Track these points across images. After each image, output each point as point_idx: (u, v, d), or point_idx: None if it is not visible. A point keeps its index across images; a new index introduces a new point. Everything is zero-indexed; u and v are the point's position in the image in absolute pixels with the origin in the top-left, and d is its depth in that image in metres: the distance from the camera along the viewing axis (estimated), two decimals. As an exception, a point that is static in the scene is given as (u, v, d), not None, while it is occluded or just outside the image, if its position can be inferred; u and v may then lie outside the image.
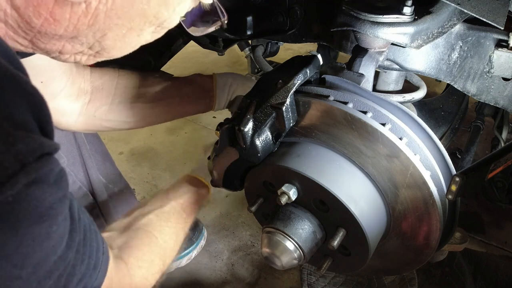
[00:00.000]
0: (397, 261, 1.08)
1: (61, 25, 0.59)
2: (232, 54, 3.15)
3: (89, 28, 0.60)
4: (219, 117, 2.60)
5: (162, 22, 0.66)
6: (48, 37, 0.61)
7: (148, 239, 0.99)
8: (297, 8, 1.16)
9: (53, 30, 0.59)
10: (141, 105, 1.31)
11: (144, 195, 2.30)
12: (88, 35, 0.62)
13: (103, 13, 0.59)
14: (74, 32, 0.60)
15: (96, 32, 0.62)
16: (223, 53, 1.55)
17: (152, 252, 0.98)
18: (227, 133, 0.99)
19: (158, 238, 1.01)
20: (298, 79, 0.95)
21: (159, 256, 0.99)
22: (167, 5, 0.64)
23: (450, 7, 0.95)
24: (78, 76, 1.20)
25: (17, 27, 0.59)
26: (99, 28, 0.61)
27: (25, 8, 0.56)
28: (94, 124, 1.28)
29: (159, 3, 0.62)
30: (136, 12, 0.61)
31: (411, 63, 1.06)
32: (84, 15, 0.59)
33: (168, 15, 0.65)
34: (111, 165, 1.61)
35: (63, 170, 0.58)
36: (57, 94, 1.16)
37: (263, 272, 1.88)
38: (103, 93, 1.25)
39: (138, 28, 0.65)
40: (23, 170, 0.49)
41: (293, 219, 0.98)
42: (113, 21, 0.61)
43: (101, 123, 1.29)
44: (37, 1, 0.56)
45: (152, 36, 0.69)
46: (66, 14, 0.58)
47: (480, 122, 1.67)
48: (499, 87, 1.07)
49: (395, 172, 0.90)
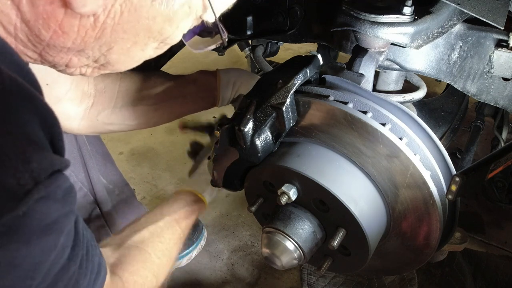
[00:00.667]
0: (397, 261, 1.08)
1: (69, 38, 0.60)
2: (232, 54, 3.14)
3: (96, 41, 0.62)
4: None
5: (165, 38, 0.68)
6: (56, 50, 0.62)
7: (141, 255, 1.00)
8: (297, 8, 1.16)
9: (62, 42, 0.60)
10: (144, 107, 1.30)
11: (144, 195, 2.30)
12: (95, 49, 0.63)
13: (110, 27, 0.60)
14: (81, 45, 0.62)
15: (102, 45, 0.63)
16: (223, 53, 1.55)
17: (146, 268, 0.98)
18: (227, 133, 0.99)
19: (151, 255, 1.01)
20: (298, 79, 0.95)
21: (152, 272, 0.99)
22: (171, 22, 0.65)
23: (450, 7, 0.95)
24: (82, 79, 1.19)
25: (26, 41, 0.60)
26: (105, 42, 0.62)
27: (35, 21, 0.57)
28: (97, 127, 1.28)
29: (163, 19, 0.64)
30: (142, 27, 0.63)
31: (411, 63, 1.06)
32: (92, 29, 0.60)
33: (172, 31, 0.67)
34: (111, 166, 1.61)
35: (72, 186, 0.59)
36: (62, 97, 1.16)
37: (263, 272, 1.88)
38: (105, 97, 1.24)
39: (143, 43, 0.66)
40: (36, 187, 0.51)
41: (293, 219, 0.98)
42: (119, 35, 0.62)
43: (104, 126, 1.29)
44: (47, 13, 0.57)
45: (155, 52, 0.71)
46: (74, 27, 0.59)
47: (480, 122, 1.67)
48: (499, 87, 1.07)
49: (395, 172, 0.90)
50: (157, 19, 0.63)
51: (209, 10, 0.67)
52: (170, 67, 1.58)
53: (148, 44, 0.67)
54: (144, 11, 0.61)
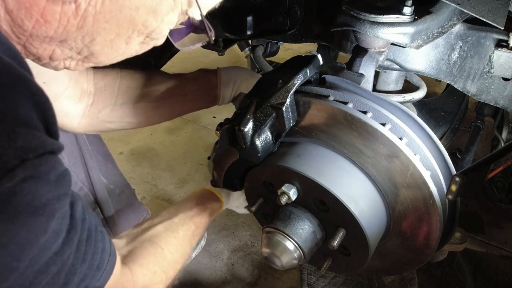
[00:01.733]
0: (397, 261, 1.08)
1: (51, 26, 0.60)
2: (232, 54, 3.15)
3: (78, 31, 0.62)
4: (219, 117, 2.60)
5: (150, 32, 0.67)
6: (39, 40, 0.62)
7: (154, 249, 1.00)
8: (297, 8, 1.16)
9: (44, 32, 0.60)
10: (145, 106, 1.30)
11: (144, 195, 2.30)
12: (77, 39, 0.63)
13: (91, 15, 0.61)
14: (64, 34, 0.62)
15: (85, 36, 0.63)
16: (223, 53, 1.55)
17: (157, 263, 0.99)
18: (227, 133, 0.99)
19: (164, 249, 1.02)
20: (298, 79, 0.95)
21: (162, 267, 1.00)
22: (155, 14, 0.65)
23: (450, 7, 0.95)
24: (81, 77, 1.19)
25: (10, 32, 0.60)
26: (87, 32, 0.62)
27: (18, 10, 0.58)
28: (97, 125, 1.28)
29: (147, 11, 0.63)
30: (124, 17, 0.63)
31: (411, 63, 1.06)
32: (73, 17, 0.60)
33: (157, 25, 0.66)
34: (112, 166, 1.61)
35: (67, 171, 0.59)
36: (59, 95, 1.16)
37: (263, 272, 1.88)
38: (105, 94, 1.24)
39: (126, 35, 0.66)
40: (22, 165, 0.51)
41: (293, 219, 0.98)
42: (101, 24, 0.62)
43: (104, 124, 1.29)
44: (29, 2, 0.57)
45: (141, 47, 0.70)
46: (56, 15, 0.59)
47: (480, 122, 1.67)
48: (499, 87, 1.07)
49: (395, 172, 0.90)
50: (140, 10, 0.63)
51: (195, 5, 0.66)
52: (170, 67, 1.58)
53: (132, 37, 0.66)
54: (127, 1, 0.61)
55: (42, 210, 0.55)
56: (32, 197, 0.53)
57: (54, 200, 0.56)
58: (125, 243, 0.99)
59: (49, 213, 0.56)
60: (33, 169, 0.52)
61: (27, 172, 0.52)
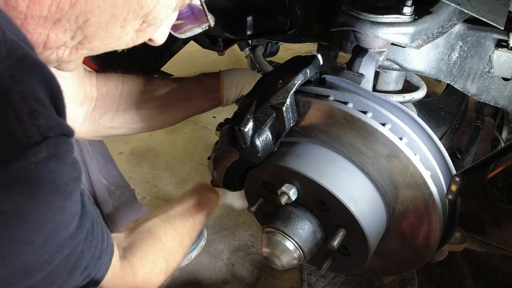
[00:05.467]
0: (397, 261, 1.08)
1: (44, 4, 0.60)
2: (232, 54, 3.14)
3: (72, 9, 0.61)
4: (219, 117, 2.60)
5: (146, 15, 0.66)
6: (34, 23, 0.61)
7: (152, 240, 1.01)
8: (297, 8, 1.16)
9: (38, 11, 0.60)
10: (147, 111, 1.28)
11: (144, 195, 2.30)
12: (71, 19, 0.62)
13: None
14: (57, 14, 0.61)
15: (79, 15, 0.62)
16: (223, 53, 1.54)
17: (155, 253, 1.00)
18: (227, 133, 0.99)
19: (162, 239, 1.03)
20: (298, 79, 0.95)
21: (162, 257, 1.01)
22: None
23: (450, 7, 0.95)
24: (85, 79, 1.18)
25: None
26: (81, 11, 0.62)
27: None
28: (99, 131, 1.26)
29: None
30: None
31: (411, 63, 1.06)
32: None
33: (153, 5, 0.65)
34: (113, 167, 1.61)
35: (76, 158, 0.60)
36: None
37: (263, 272, 1.88)
38: (107, 100, 1.23)
39: (122, 17, 0.65)
40: (45, 142, 0.52)
41: (293, 219, 0.98)
42: (95, 2, 0.61)
43: (106, 130, 1.27)
44: None
45: (137, 36, 0.69)
46: None
47: (480, 122, 1.67)
48: (499, 87, 1.07)
49: (395, 172, 0.90)
50: None
51: None
52: (170, 67, 1.58)
53: (128, 20, 0.65)
54: None
55: (62, 189, 0.56)
56: (54, 176, 0.54)
57: (71, 182, 0.58)
58: (124, 236, 1.01)
59: (68, 194, 0.57)
60: (54, 147, 0.53)
61: (51, 149, 0.53)
